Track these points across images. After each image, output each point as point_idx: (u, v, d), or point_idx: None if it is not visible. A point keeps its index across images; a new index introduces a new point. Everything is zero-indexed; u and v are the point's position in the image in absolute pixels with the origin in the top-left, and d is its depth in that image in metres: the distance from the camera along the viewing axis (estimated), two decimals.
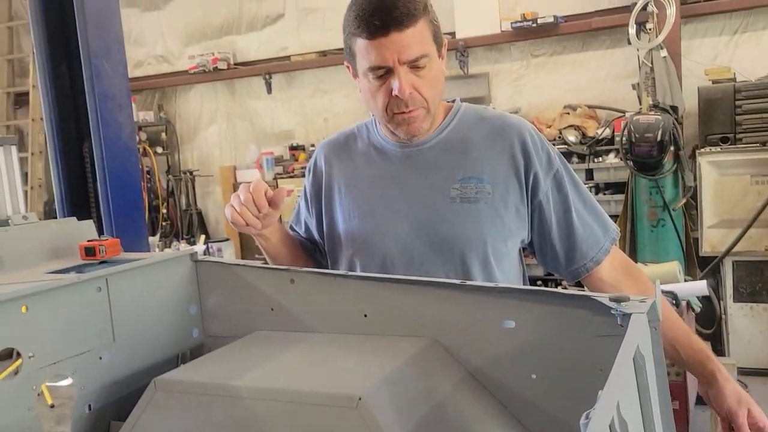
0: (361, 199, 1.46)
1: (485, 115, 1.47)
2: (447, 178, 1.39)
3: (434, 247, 1.39)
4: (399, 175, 1.43)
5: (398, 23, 1.25)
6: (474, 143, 1.41)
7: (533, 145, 1.40)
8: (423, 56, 1.29)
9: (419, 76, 1.30)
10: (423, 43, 1.29)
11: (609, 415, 0.66)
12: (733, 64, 4.35)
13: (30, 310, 1.10)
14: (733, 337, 4.12)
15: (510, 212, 1.39)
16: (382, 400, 0.99)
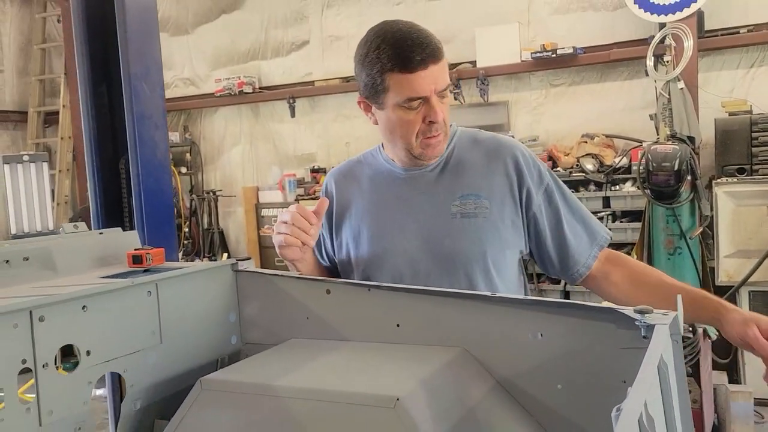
0: (370, 220, 1.57)
1: (479, 138, 1.59)
2: (448, 196, 1.51)
3: (439, 260, 1.50)
4: (404, 196, 1.55)
5: (434, 57, 1.40)
6: (471, 163, 1.54)
7: (525, 163, 1.53)
8: (449, 86, 1.46)
9: (444, 104, 1.45)
10: (447, 75, 1.45)
11: (638, 410, 0.72)
12: (749, 97, 4.41)
13: (88, 309, 1.17)
14: (749, 367, 4.11)
15: (507, 225, 1.51)
16: (419, 402, 1.05)
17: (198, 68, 6.55)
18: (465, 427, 1.09)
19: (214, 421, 1.15)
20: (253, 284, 1.47)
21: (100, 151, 2.75)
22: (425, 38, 1.41)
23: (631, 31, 4.77)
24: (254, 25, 6.24)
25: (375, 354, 1.27)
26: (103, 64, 2.75)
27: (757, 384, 3.95)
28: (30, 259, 1.41)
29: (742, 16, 4.50)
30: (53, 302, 1.11)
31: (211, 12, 6.45)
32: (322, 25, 5.97)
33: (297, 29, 6.09)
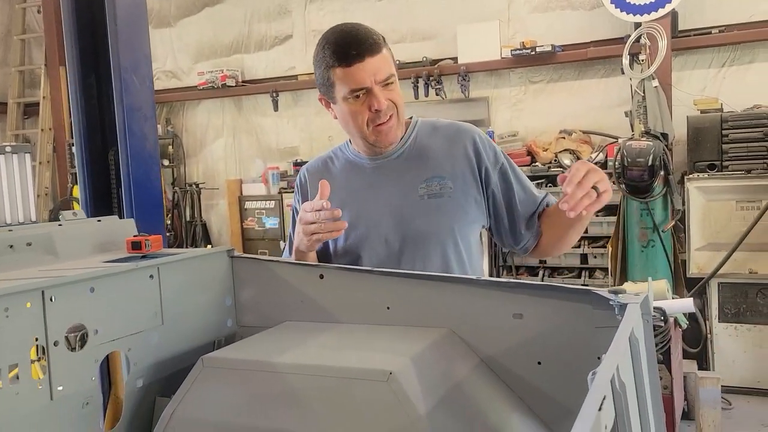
0: (345, 210, 1.61)
1: (438, 125, 1.73)
2: (414, 180, 1.64)
3: (412, 239, 1.63)
4: (374, 184, 1.68)
5: (371, 50, 1.52)
6: (433, 149, 1.67)
7: (482, 145, 1.68)
8: (391, 75, 1.57)
9: (390, 91, 1.57)
10: (389, 66, 1.57)
11: (611, 372, 0.81)
12: (720, 96, 4.55)
13: (95, 291, 1.23)
14: (718, 356, 4.27)
15: (470, 203, 1.65)
16: (410, 376, 1.12)
17: (181, 61, 6.55)
18: (452, 401, 1.17)
19: (216, 396, 1.21)
20: (248, 270, 1.53)
21: (89, 142, 2.78)
22: (363, 34, 1.54)
23: (608, 30, 4.88)
24: (237, 18, 6.26)
25: (367, 334, 1.34)
26: (93, 55, 2.78)
27: (725, 372, 4.12)
28: (33, 245, 1.46)
29: (714, 17, 4.64)
30: (63, 283, 1.17)
31: (194, 5, 6.45)
32: (305, 19, 6.00)
33: (280, 23, 6.12)
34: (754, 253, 4.10)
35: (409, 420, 1.06)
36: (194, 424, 1.20)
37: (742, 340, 4.23)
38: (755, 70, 4.60)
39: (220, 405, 1.20)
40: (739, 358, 4.23)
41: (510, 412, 1.26)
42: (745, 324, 4.22)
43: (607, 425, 0.73)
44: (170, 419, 1.21)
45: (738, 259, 4.11)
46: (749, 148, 4.16)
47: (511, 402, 1.27)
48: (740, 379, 4.21)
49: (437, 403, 1.12)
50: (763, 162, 4.13)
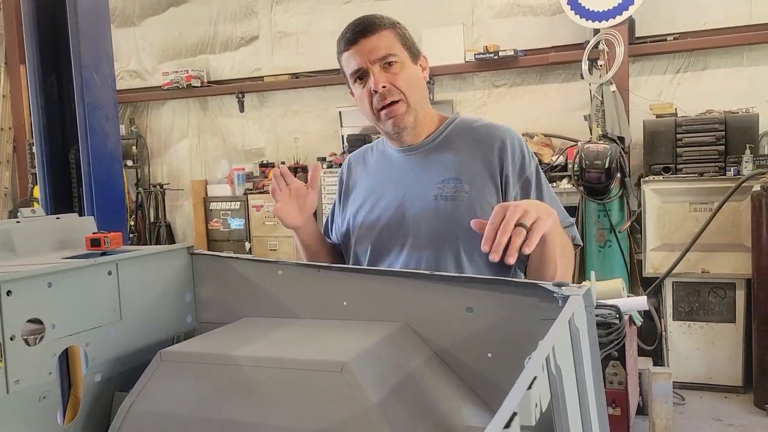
0: (368, 198, 1.69)
1: (475, 125, 1.65)
2: (433, 178, 1.58)
3: (414, 239, 1.57)
4: (399, 176, 1.64)
5: (364, 32, 1.53)
6: (458, 148, 1.60)
7: (511, 150, 1.56)
8: (390, 55, 1.52)
9: (392, 73, 1.52)
10: (389, 46, 1.53)
11: (545, 353, 0.86)
12: (675, 101, 4.70)
13: (53, 286, 1.24)
14: (672, 353, 4.40)
15: (485, 210, 1.52)
16: (363, 367, 1.15)
17: (145, 61, 6.49)
18: (404, 391, 1.20)
19: (173, 390, 1.22)
20: (207, 266, 1.54)
21: (49, 140, 2.76)
22: (364, 19, 1.54)
23: (568, 36, 5.00)
24: (203, 19, 6.23)
25: (323, 329, 1.37)
26: (53, 53, 2.76)
27: (679, 368, 4.25)
28: None
29: (669, 24, 4.80)
30: (20, 278, 1.17)
31: (158, 4, 6.40)
32: (272, 20, 6.01)
33: (246, 24, 6.11)
34: (706, 254, 4.25)
35: (362, 409, 1.09)
36: (152, 417, 1.21)
37: (695, 338, 4.37)
38: (708, 77, 4.76)
39: (178, 398, 1.21)
40: (693, 354, 4.37)
41: (461, 401, 1.30)
42: (697, 322, 4.35)
43: (539, 404, 0.77)
44: (128, 412, 1.22)
45: (691, 259, 4.25)
46: (702, 151, 4.30)
47: (462, 392, 1.31)
48: (693, 375, 4.35)
49: (390, 392, 1.16)
50: (715, 165, 4.28)
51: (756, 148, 4.23)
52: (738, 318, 4.26)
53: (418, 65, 1.60)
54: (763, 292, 3.98)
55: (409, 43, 1.58)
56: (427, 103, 1.64)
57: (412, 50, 1.58)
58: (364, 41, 1.52)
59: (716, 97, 4.65)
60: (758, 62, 4.65)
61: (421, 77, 1.60)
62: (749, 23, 4.61)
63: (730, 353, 4.29)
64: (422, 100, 1.60)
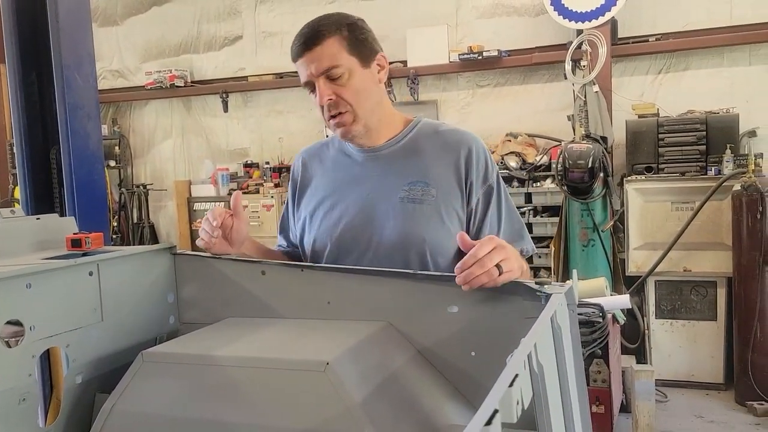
0: (325, 197, 1.65)
1: (440, 129, 1.64)
2: (398, 181, 1.56)
3: (380, 242, 1.54)
4: (359, 178, 1.61)
5: (307, 44, 1.49)
6: (425, 152, 1.59)
7: (476, 157, 1.57)
8: (333, 67, 1.48)
9: (339, 85, 1.49)
10: (333, 56, 1.48)
11: (526, 353, 0.87)
12: (657, 101, 4.74)
13: (32, 287, 1.22)
14: (655, 351, 4.44)
15: (451, 215, 1.55)
16: (347, 366, 1.15)
17: (127, 60, 6.44)
18: (387, 390, 1.21)
19: (156, 390, 1.22)
20: (190, 267, 1.54)
21: (30, 140, 2.73)
22: (307, 29, 1.51)
23: (552, 37, 5.03)
24: (186, 18, 6.19)
25: (307, 329, 1.37)
26: (33, 52, 2.73)
27: (661, 366, 4.29)
28: None
29: (651, 25, 4.84)
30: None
31: (141, 4, 6.35)
32: (256, 20, 5.99)
33: (230, 24, 6.08)
34: (688, 252, 4.29)
35: (345, 408, 1.10)
36: (134, 418, 1.21)
37: (677, 336, 4.41)
38: (689, 77, 4.82)
39: (160, 399, 1.21)
40: (675, 352, 4.42)
41: (444, 400, 1.30)
42: (680, 320, 4.40)
43: (521, 401, 0.77)
44: (110, 413, 1.22)
45: (673, 258, 4.29)
46: (684, 151, 4.35)
47: (446, 390, 1.32)
48: (675, 372, 4.40)
49: (373, 391, 1.16)
50: (696, 165, 4.32)
51: (736, 148, 4.28)
52: (719, 316, 4.31)
53: (371, 67, 1.55)
54: (743, 290, 4.03)
55: (359, 46, 1.52)
56: (383, 108, 1.60)
57: (364, 53, 1.53)
58: (308, 54, 1.49)
59: (697, 98, 4.70)
60: (738, 63, 4.71)
61: (372, 82, 1.55)
62: (730, 24, 4.66)
63: (712, 351, 4.34)
64: (374, 107, 1.56)
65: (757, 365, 3.95)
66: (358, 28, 1.54)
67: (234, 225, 1.55)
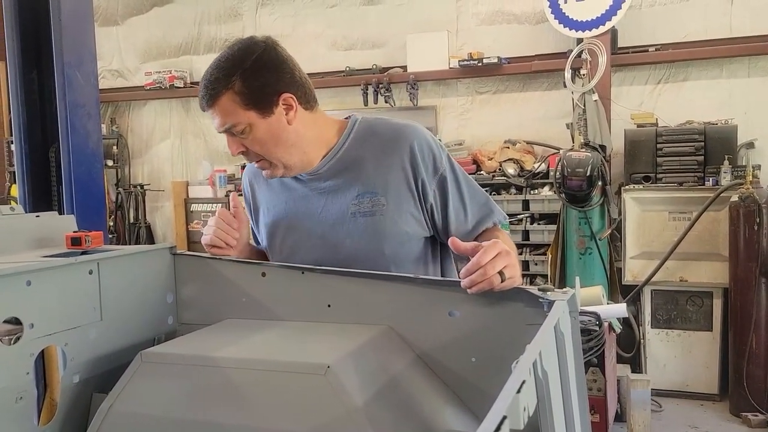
0: (279, 221, 1.62)
1: (377, 129, 1.55)
2: (346, 195, 1.53)
3: (341, 260, 1.49)
4: (307, 197, 1.58)
5: (207, 102, 1.44)
6: (366, 160, 1.52)
7: (420, 154, 1.51)
8: (232, 126, 1.42)
9: (244, 138, 1.44)
10: (227, 115, 1.42)
11: (532, 359, 0.86)
12: (656, 111, 4.75)
13: (32, 285, 1.22)
14: (650, 360, 4.44)
15: (406, 219, 1.52)
16: (347, 370, 1.15)
17: (127, 60, 6.43)
18: (388, 394, 1.20)
19: (154, 391, 1.21)
20: (190, 267, 1.53)
21: (30, 138, 2.72)
22: (204, 83, 1.44)
23: (552, 45, 5.04)
24: (187, 19, 6.19)
25: (307, 331, 1.36)
26: (35, 50, 2.72)
27: (656, 376, 4.29)
28: None
29: (651, 35, 4.86)
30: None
31: (142, 4, 6.35)
32: (257, 23, 5.98)
33: (231, 26, 6.08)
34: (684, 262, 4.30)
35: (345, 411, 1.09)
36: (131, 419, 1.20)
37: (672, 345, 4.42)
38: (688, 87, 4.83)
39: (159, 399, 1.20)
40: (670, 362, 4.42)
41: (444, 405, 1.30)
42: (675, 330, 4.40)
43: (527, 408, 0.77)
44: (107, 413, 1.21)
45: (670, 268, 4.29)
46: (682, 161, 4.36)
47: (445, 396, 1.32)
48: (670, 382, 4.40)
49: (373, 395, 1.16)
50: (694, 175, 4.33)
51: (734, 159, 4.29)
52: (715, 326, 4.31)
53: (275, 112, 1.44)
54: (739, 301, 4.04)
55: (255, 96, 1.41)
56: (302, 143, 1.50)
57: (261, 103, 1.42)
58: (208, 110, 1.45)
59: (696, 108, 4.71)
60: (737, 75, 4.73)
61: (280, 128, 1.45)
62: (729, 36, 4.68)
63: (707, 361, 4.35)
64: (288, 149, 1.48)
65: (752, 376, 3.96)
66: (252, 75, 1.41)
67: (239, 229, 1.56)
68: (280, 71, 1.45)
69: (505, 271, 1.23)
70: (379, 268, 1.46)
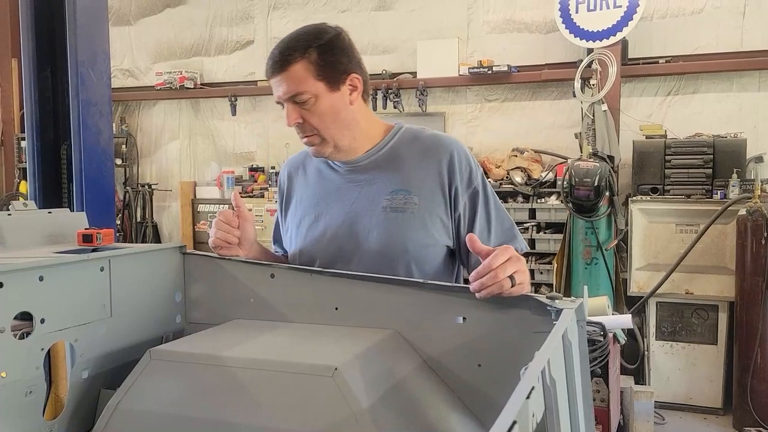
0: (309, 209, 1.66)
1: (420, 135, 1.62)
2: (380, 190, 1.57)
3: (364, 252, 1.55)
4: (342, 189, 1.62)
5: (274, 70, 1.50)
6: (406, 160, 1.58)
7: (458, 163, 1.57)
8: (298, 94, 1.48)
9: (306, 110, 1.50)
10: (299, 83, 1.48)
11: (541, 366, 0.87)
12: (665, 123, 4.75)
13: (44, 280, 1.23)
14: (654, 372, 4.42)
15: (435, 222, 1.56)
16: (354, 372, 1.15)
17: (139, 60, 6.47)
18: (394, 398, 1.21)
19: (162, 389, 1.21)
20: (199, 267, 1.54)
21: (42, 135, 2.75)
22: (278, 50, 1.51)
23: (562, 55, 5.05)
24: (199, 21, 6.23)
25: (314, 333, 1.37)
26: (49, 48, 2.75)
27: (660, 388, 4.27)
28: None
29: (662, 47, 4.86)
30: (13, 270, 1.16)
31: (155, 5, 6.39)
32: (268, 26, 6.02)
33: (242, 28, 6.12)
34: (690, 275, 4.28)
35: (352, 413, 1.09)
36: (139, 416, 1.20)
37: (677, 358, 4.40)
38: (698, 100, 4.83)
39: (166, 397, 1.21)
40: (674, 375, 4.40)
41: (449, 411, 1.30)
42: (680, 342, 4.39)
43: (535, 414, 0.78)
44: (115, 410, 1.21)
45: (675, 280, 4.28)
46: (690, 174, 4.35)
47: (451, 401, 1.32)
48: (674, 395, 4.38)
49: (379, 399, 1.16)
50: (702, 188, 4.33)
51: (743, 172, 4.28)
52: (720, 340, 4.30)
53: (341, 90, 1.52)
54: (745, 316, 4.02)
55: (328, 70, 1.49)
56: (355, 127, 1.57)
57: (332, 77, 1.50)
58: (276, 78, 1.50)
59: (705, 121, 4.71)
60: (747, 88, 4.72)
61: (341, 105, 1.52)
62: (740, 50, 4.68)
63: (711, 375, 4.33)
64: (343, 128, 1.54)
65: (756, 391, 3.94)
66: (329, 50, 1.50)
67: (240, 225, 1.56)
68: (350, 54, 1.55)
69: (515, 276, 1.24)
70: (398, 266, 1.52)
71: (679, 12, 4.83)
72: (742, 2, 4.69)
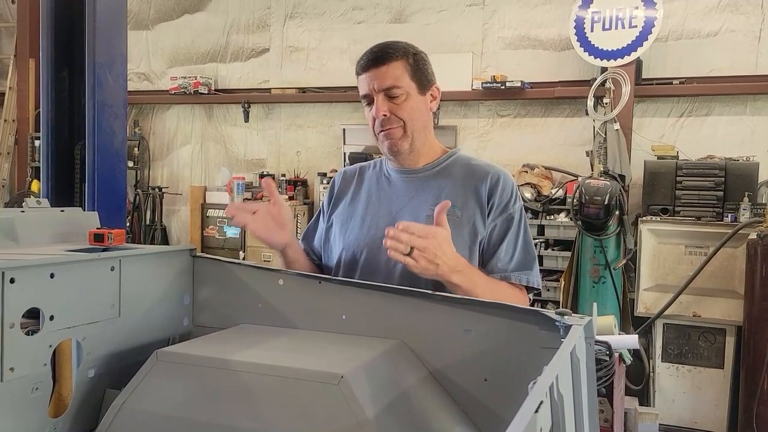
0: (358, 210, 1.75)
1: (474, 160, 1.75)
2: (427, 200, 1.67)
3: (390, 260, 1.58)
4: (392, 196, 1.73)
5: (376, 61, 1.62)
6: (456, 178, 1.70)
7: (502, 185, 1.67)
8: (395, 87, 1.60)
9: (395, 104, 1.61)
10: (397, 77, 1.61)
11: (550, 381, 0.86)
12: (677, 144, 4.75)
13: (55, 277, 1.23)
14: (659, 394, 4.38)
15: (474, 237, 1.64)
16: (360, 381, 1.15)
17: (154, 64, 6.53)
18: (398, 408, 1.20)
19: (167, 390, 1.21)
20: (208, 270, 1.54)
21: (56, 134, 2.77)
22: (379, 48, 1.64)
23: (576, 72, 5.06)
24: (216, 28, 6.29)
25: (321, 340, 1.37)
26: (67, 49, 2.78)
27: (664, 411, 4.23)
28: None
29: (676, 68, 4.86)
30: (24, 266, 1.17)
31: (173, 11, 6.46)
32: (284, 35, 6.06)
33: (258, 36, 6.16)
34: (698, 297, 4.25)
35: (356, 422, 1.09)
36: (144, 416, 1.21)
37: (682, 381, 4.36)
38: (711, 122, 4.82)
39: (172, 399, 1.21)
40: (679, 397, 4.36)
41: (453, 423, 1.29)
42: (686, 365, 4.35)
43: (543, 429, 0.77)
44: (120, 410, 1.22)
45: (683, 302, 4.25)
46: (701, 196, 4.33)
47: (456, 415, 1.31)
48: (678, 418, 4.33)
49: (384, 408, 1.16)
50: (712, 210, 4.30)
51: (754, 196, 4.26)
52: (726, 364, 4.26)
53: (426, 95, 1.67)
54: (753, 340, 3.98)
55: (420, 74, 1.64)
56: (427, 133, 1.71)
57: (422, 81, 1.65)
58: (375, 70, 1.61)
59: (718, 144, 4.70)
60: (761, 112, 4.71)
61: (425, 108, 1.67)
62: (755, 73, 4.67)
63: (717, 399, 4.28)
64: (422, 129, 1.67)
65: (762, 417, 3.89)
66: (421, 59, 1.67)
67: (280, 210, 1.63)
68: (432, 69, 1.72)
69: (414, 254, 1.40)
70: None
71: (694, 34, 4.83)
72: (758, 26, 4.69)
